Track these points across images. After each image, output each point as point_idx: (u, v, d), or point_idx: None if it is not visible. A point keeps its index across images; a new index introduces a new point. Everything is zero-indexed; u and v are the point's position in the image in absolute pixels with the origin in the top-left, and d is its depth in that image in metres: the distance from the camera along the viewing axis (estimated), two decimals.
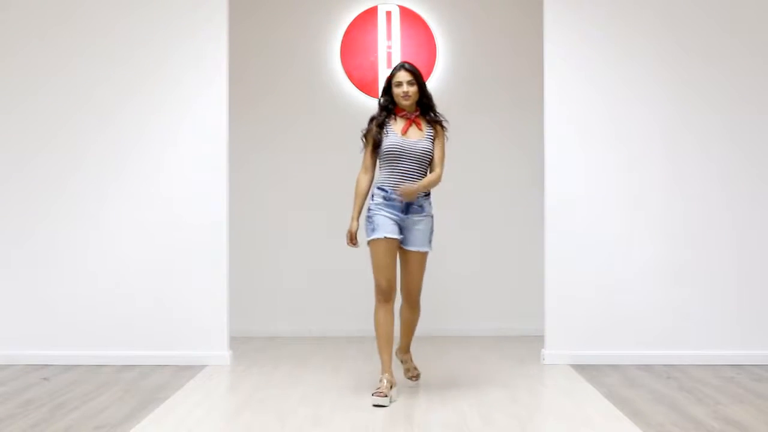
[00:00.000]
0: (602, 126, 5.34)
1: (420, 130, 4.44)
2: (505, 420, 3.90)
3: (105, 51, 5.35)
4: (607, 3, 5.36)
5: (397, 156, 4.37)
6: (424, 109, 4.48)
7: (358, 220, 4.45)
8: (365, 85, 6.55)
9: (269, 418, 3.93)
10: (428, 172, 4.47)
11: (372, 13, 6.59)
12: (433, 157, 4.45)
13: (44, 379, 4.82)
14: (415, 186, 4.33)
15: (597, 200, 5.32)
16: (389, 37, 6.55)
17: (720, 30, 5.33)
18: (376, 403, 4.14)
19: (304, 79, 6.61)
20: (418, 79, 4.42)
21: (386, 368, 4.32)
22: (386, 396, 4.17)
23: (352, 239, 4.45)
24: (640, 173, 5.33)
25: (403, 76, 4.39)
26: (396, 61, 6.39)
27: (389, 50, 6.54)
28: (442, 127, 4.51)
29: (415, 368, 4.76)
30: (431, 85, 6.39)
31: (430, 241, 4.49)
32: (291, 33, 6.62)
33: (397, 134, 4.39)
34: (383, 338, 4.34)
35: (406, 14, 6.58)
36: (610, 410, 4.08)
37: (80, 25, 5.36)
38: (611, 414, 4.02)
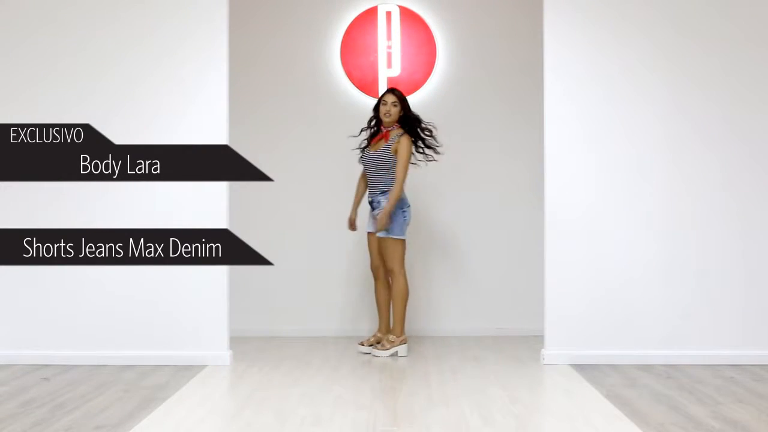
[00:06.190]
0: (603, 126, 5.34)
1: (386, 141, 5.58)
2: (505, 420, 3.90)
3: (104, 52, 5.34)
4: (607, 3, 5.35)
5: (365, 166, 5.70)
6: (408, 125, 5.61)
7: (355, 211, 5.86)
8: (365, 85, 6.54)
9: (269, 418, 3.93)
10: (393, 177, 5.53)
11: (372, 13, 6.58)
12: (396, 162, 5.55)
13: (44, 379, 4.82)
14: (383, 214, 5.47)
15: (597, 200, 5.32)
16: (389, 37, 6.55)
17: (721, 24, 5.31)
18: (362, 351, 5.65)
19: (304, 79, 6.60)
20: (403, 103, 5.62)
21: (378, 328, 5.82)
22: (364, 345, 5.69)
23: (351, 225, 5.88)
24: (641, 173, 5.32)
25: (389, 98, 5.62)
26: (396, 60, 6.48)
27: (389, 50, 6.53)
28: (414, 137, 5.59)
29: (379, 340, 5.69)
30: (431, 85, 6.51)
31: (387, 231, 5.51)
32: (291, 33, 6.61)
33: (368, 149, 5.65)
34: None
35: (406, 14, 6.58)
36: (610, 410, 4.09)
37: (80, 26, 5.35)
38: (611, 414, 4.02)
